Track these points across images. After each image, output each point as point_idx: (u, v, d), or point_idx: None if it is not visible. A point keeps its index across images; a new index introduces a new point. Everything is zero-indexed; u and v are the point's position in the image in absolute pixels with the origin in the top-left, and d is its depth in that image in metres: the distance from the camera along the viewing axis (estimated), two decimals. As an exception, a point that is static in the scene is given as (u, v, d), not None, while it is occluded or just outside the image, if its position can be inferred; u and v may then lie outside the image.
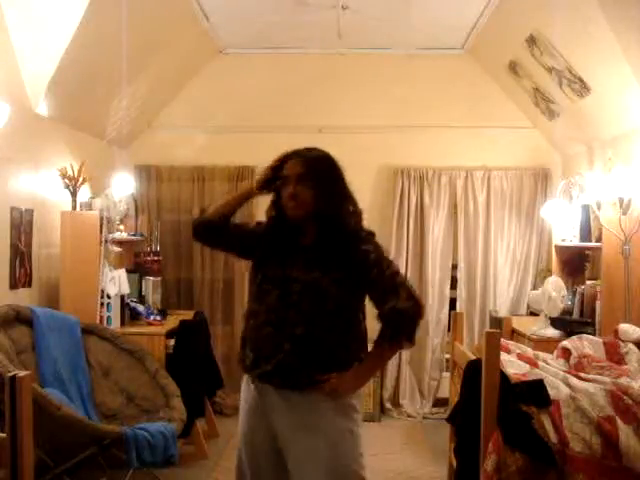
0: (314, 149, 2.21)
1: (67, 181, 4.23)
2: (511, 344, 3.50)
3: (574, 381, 2.82)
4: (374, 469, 4.14)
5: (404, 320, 2.08)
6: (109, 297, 4.21)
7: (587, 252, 4.68)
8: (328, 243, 2.11)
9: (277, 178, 2.20)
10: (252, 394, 2.21)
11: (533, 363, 3.07)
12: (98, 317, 4.12)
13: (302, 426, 2.10)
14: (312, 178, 2.12)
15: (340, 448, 2.08)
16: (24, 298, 3.83)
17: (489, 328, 5.01)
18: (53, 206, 4.22)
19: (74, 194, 4.25)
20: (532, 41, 4.36)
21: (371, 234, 2.20)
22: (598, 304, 4.05)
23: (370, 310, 2.19)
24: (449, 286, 5.52)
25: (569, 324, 4.20)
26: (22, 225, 3.81)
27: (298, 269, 2.10)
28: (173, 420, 3.58)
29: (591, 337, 3.46)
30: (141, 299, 4.80)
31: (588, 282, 4.39)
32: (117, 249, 4.49)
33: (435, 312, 5.47)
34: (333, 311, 2.09)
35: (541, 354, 3.35)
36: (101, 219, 4.22)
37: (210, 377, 4.54)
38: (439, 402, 5.38)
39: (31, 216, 3.93)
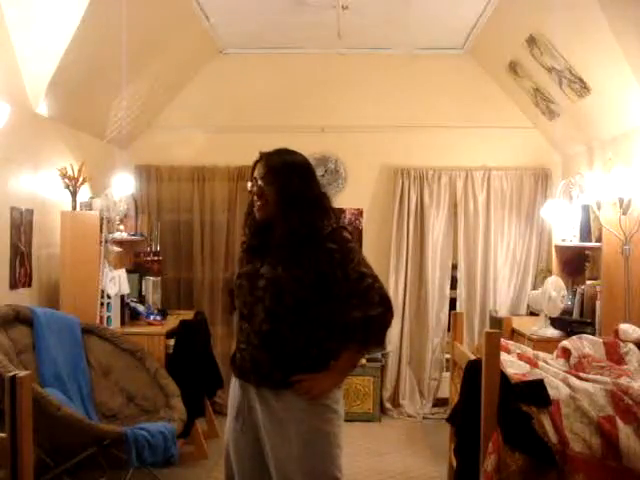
0: (283, 150, 2.25)
1: (67, 181, 4.23)
2: (511, 344, 3.50)
3: (574, 381, 2.82)
4: (374, 469, 4.16)
5: (373, 328, 2.10)
6: (109, 297, 4.21)
7: (587, 252, 4.68)
8: (292, 241, 2.14)
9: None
10: (237, 393, 2.25)
11: (533, 363, 3.07)
12: (98, 317, 4.12)
13: (277, 426, 2.12)
14: (274, 179, 2.17)
15: (313, 448, 2.10)
16: (24, 298, 3.82)
17: (489, 328, 5.01)
18: (53, 206, 4.22)
19: (74, 194, 4.25)
20: (532, 41, 4.36)
21: (340, 229, 2.19)
22: (598, 304, 4.05)
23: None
24: (449, 286, 5.52)
25: (569, 324, 4.20)
26: (22, 225, 3.82)
27: (266, 266, 2.16)
28: (173, 420, 3.58)
29: (591, 337, 3.46)
30: (141, 299, 4.80)
31: (588, 282, 4.39)
32: (117, 249, 4.49)
33: (435, 312, 5.47)
34: (293, 308, 2.11)
35: (541, 354, 3.35)
36: (101, 219, 4.22)
37: (210, 377, 4.54)
38: (439, 402, 5.39)
39: (31, 216, 3.93)
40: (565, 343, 3.41)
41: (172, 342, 4.24)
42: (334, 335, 2.15)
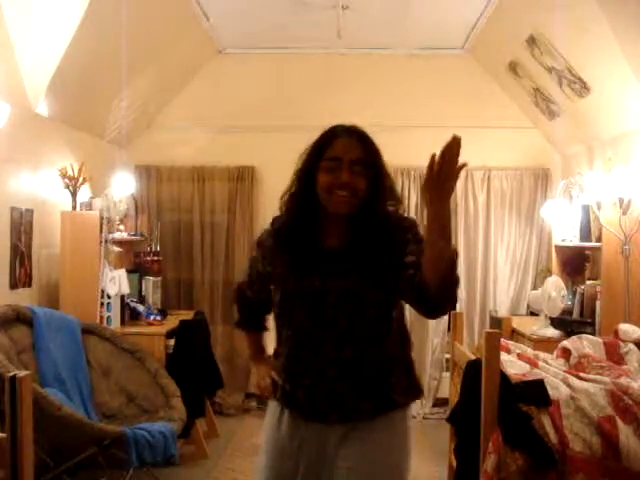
0: (360, 128, 1.80)
1: (67, 181, 4.23)
2: (511, 344, 3.49)
3: (574, 381, 2.82)
4: (374, 469, 4.15)
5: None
6: (109, 297, 4.21)
7: (587, 252, 4.68)
8: (366, 243, 1.73)
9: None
10: (302, 439, 1.80)
11: (533, 363, 3.07)
12: (98, 317, 4.12)
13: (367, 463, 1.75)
14: (370, 165, 1.73)
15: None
16: (24, 298, 3.82)
17: (489, 328, 5.01)
18: (53, 206, 4.22)
19: (74, 194, 4.25)
20: (532, 41, 4.35)
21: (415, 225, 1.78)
22: (598, 304, 4.05)
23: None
24: (449, 286, 5.51)
25: (569, 324, 4.19)
26: (22, 225, 3.81)
27: (332, 278, 1.72)
28: (173, 420, 3.58)
29: (591, 337, 3.45)
30: (141, 299, 4.80)
31: (588, 282, 4.39)
32: (117, 249, 4.49)
33: (435, 312, 5.46)
34: (375, 321, 1.74)
35: (541, 354, 3.35)
36: (101, 219, 4.22)
37: (210, 377, 4.54)
38: (439, 402, 5.38)
39: (31, 216, 3.93)
40: (565, 343, 3.41)
41: (172, 342, 4.24)
42: (406, 341, 1.86)
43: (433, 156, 1.53)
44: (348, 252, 1.74)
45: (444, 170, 1.51)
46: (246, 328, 2.11)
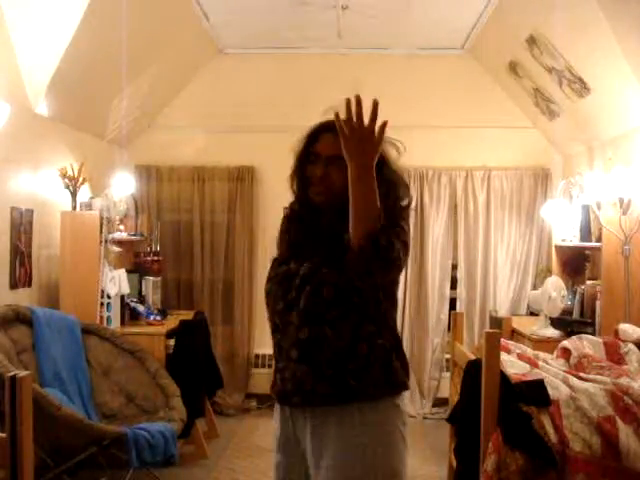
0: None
1: (67, 181, 4.23)
2: (511, 344, 3.49)
3: (574, 381, 2.82)
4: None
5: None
6: (109, 297, 4.21)
7: (587, 252, 4.68)
8: (332, 228, 1.77)
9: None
10: (280, 424, 1.85)
11: (533, 363, 3.07)
12: (98, 317, 4.12)
13: (327, 453, 1.74)
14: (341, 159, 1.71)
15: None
16: (24, 298, 3.82)
17: (489, 328, 5.01)
18: (53, 206, 4.22)
19: (74, 194, 4.25)
20: (532, 41, 4.35)
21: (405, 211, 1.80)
22: (598, 304, 4.05)
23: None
24: (449, 286, 5.52)
25: (569, 324, 4.19)
26: (22, 225, 3.81)
27: (306, 264, 1.77)
28: (173, 420, 3.58)
29: (591, 337, 3.45)
30: (141, 299, 4.80)
31: (588, 282, 4.39)
32: (117, 249, 4.49)
33: (435, 312, 5.47)
34: (333, 300, 1.72)
35: (541, 354, 3.35)
36: (101, 219, 4.22)
37: (210, 377, 4.54)
38: (439, 402, 5.39)
39: (31, 216, 3.93)
40: (565, 343, 3.41)
41: (172, 342, 4.24)
42: (383, 331, 1.79)
43: (348, 103, 1.66)
44: (324, 238, 1.80)
45: (367, 128, 1.63)
46: None
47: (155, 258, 5.17)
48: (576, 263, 4.77)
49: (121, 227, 4.66)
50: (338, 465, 1.72)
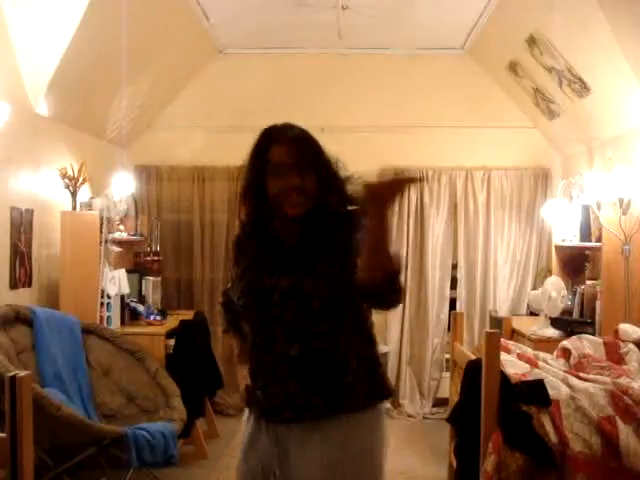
0: (289, 125, 1.89)
1: (67, 181, 4.23)
2: (511, 344, 3.50)
3: (574, 381, 2.82)
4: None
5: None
6: (109, 297, 4.21)
7: (587, 252, 4.68)
8: (313, 240, 1.76)
9: None
10: (262, 439, 1.82)
11: (533, 363, 3.07)
12: (98, 317, 4.12)
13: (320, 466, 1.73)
14: (312, 164, 1.76)
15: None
16: (24, 298, 3.82)
17: (489, 328, 5.01)
18: (53, 206, 4.22)
19: (74, 194, 4.25)
20: (532, 41, 4.35)
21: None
22: (598, 304, 4.05)
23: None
24: (449, 286, 5.52)
25: (569, 324, 4.19)
26: (22, 225, 3.81)
27: (285, 277, 1.75)
28: (173, 420, 3.58)
29: (591, 337, 3.46)
30: (141, 299, 4.80)
31: (588, 282, 4.39)
32: (117, 249, 4.49)
33: (435, 312, 5.47)
34: (321, 313, 1.71)
35: (541, 354, 3.35)
36: (101, 219, 4.22)
37: (210, 377, 4.54)
38: (439, 402, 5.38)
39: (31, 216, 3.93)
40: (565, 343, 3.41)
41: (172, 342, 4.24)
42: (366, 340, 1.81)
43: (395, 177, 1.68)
44: (299, 250, 1.77)
45: (394, 188, 1.64)
46: (233, 331, 2.06)
47: (155, 258, 5.17)
48: (576, 263, 4.78)
49: (121, 227, 4.66)
50: (325, 475, 1.72)
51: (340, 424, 1.73)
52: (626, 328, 3.42)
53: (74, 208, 4.26)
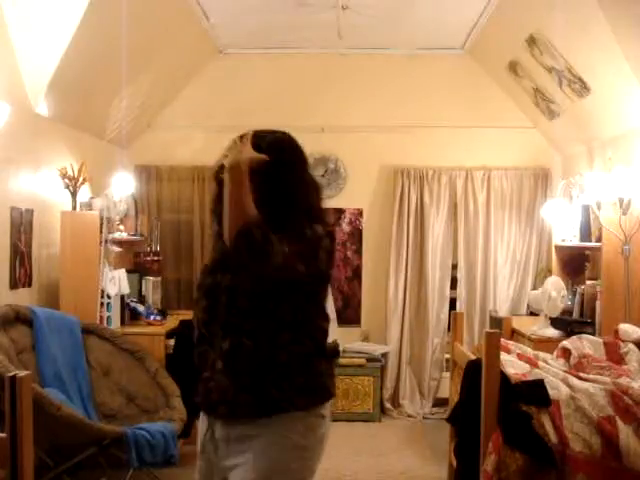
0: (270, 132, 2.00)
1: (67, 181, 4.23)
2: (511, 344, 3.50)
3: (574, 381, 2.82)
4: (374, 469, 4.15)
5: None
6: (109, 297, 4.21)
7: (587, 252, 4.68)
8: None
9: None
10: (203, 430, 1.96)
11: (533, 363, 3.07)
12: (98, 317, 4.12)
13: (237, 461, 1.82)
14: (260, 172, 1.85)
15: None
16: (24, 298, 3.82)
17: (489, 328, 5.01)
18: (53, 206, 4.22)
19: (74, 194, 4.25)
20: (532, 41, 4.35)
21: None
22: (598, 304, 4.05)
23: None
24: (449, 286, 5.52)
25: (569, 324, 4.19)
26: (22, 225, 3.81)
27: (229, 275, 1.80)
28: (173, 420, 3.58)
29: (591, 337, 3.46)
30: (141, 299, 4.80)
31: (588, 282, 4.39)
32: (117, 249, 4.48)
33: (435, 312, 5.47)
34: (249, 311, 1.76)
35: (541, 354, 3.35)
36: (101, 219, 4.22)
37: (210, 377, 4.53)
38: (439, 402, 5.39)
39: (31, 216, 3.93)
40: (565, 343, 3.41)
41: (172, 342, 4.24)
42: (302, 338, 1.79)
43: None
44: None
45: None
46: None
47: (155, 258, 5.17)
48: (576, 263, 4.77)
49: (121, 227, 4.66)
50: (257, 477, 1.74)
51: (269, 423, 1.74)
52: (626, 328, 3.42)
53: (74, 208, 4.26)
